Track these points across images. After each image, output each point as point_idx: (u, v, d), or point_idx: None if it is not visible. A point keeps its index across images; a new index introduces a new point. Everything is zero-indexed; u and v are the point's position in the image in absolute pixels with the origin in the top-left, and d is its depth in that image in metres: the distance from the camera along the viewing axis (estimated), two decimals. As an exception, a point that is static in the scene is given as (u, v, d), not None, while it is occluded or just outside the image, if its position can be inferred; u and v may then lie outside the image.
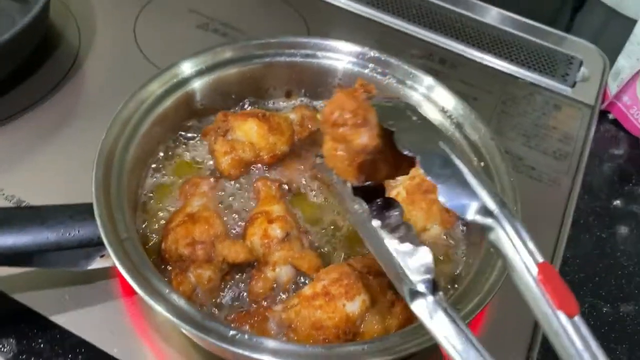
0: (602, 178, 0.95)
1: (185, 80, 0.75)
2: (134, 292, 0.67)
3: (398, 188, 0.75)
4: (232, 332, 0.54)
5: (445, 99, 0.77)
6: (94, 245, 0.61)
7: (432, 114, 0.77)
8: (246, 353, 0.53)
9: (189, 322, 0.54)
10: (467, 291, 0.61)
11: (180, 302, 0.56)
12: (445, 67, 1.05)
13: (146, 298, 0.54)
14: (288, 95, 0.85)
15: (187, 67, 0.75)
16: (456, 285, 0.68)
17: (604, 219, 0.88)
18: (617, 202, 0.92)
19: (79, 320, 0.66)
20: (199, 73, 0.76)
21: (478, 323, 0.72)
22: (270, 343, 0.54)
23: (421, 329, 0.56)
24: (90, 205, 0.61)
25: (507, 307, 0.73)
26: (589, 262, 0.83)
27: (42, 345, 0.63)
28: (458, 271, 0.70)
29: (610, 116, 1.03)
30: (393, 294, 0.64)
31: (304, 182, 0.77)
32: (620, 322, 0.77)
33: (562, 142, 0.96)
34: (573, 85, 1.05)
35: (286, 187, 0.76)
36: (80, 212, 0.62)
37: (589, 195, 0.92)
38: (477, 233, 0.71)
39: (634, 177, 0.95)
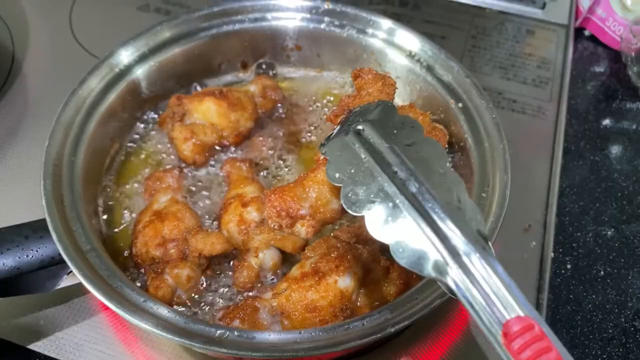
0: (588, 99, 0.90)
1: (127, 69, 0.69)
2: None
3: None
4: (219, 332, 0.50)
5: (410, 41, 0.71)
6: (57, 264, 0.56)
7: (399, 61, 0.72)
8: (238, 353, 0.48)
9: (170, 330, 0.49)
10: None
11: (159, 309, 0.51)
12: (407, 10, 0.98)
13: (119, 311, 0.50)
14: (244, 66, 0.79)
15: (125, 55, 0.69)
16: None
17: (595, 142, 0.84)
18: (607, 122, 0.87)
19: (60, 344, 0.61)
20: (141, 58, 0.70)
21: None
22: (262, 336, 0.50)
23: (420, 293, 0.53)
24: (44, 221, 0.56)
25: (509, 249, 0.69)
26: (586, 189, 0.79)
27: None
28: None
29: (587, 33, 0.98)
30: (387, 260, 0.59)
31: (275, 158, 0.72)
32: (628, 245, 0.73)
33: (540, 69, 0.90)
34: (543, 7, 0.99)
35: (258, 165, 0.71)
36: (35, 230, 0.57)
37: (577, 119, 0.87)
38: (466, 158, 0.66)
39: (619, 93, 0.91)
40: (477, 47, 0.93)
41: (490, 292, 0.38)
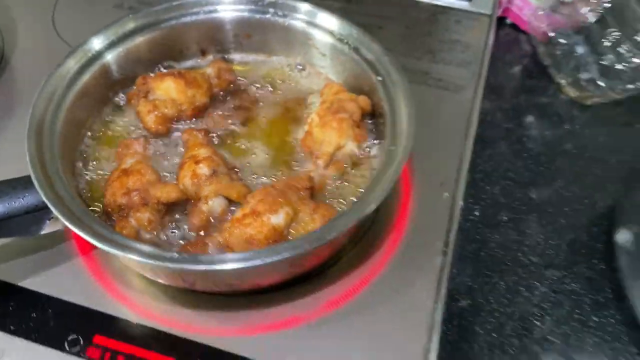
0: (505, 78, 1.04)
1: (98, 54, 0.81)
2: (90, 249, 0.76)
3: (311, 115, 0.82)
4: (171, 255, 0.62)
5: (332, 24, 0.84)
6: (41, 209, 0.69)
7: (328, 40, 0.84)
8: (184, 267, 0.61)
9: (133, 252, 0.61)
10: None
11: (123, 239, 0.64)
12: (351, 4, 1.12)
13: (89, 239, 0.62)
14: (203, 53, 0.92)
15: (97, 42, 0.82)
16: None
17: (508, 113, 0.98)
18: (521, 97, 1.01)
19: (46, 281, 0.73)
20: (110, 45, 0.82)
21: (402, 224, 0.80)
22: (206, 257, 0.62)
23: (339, 219, 0.65)
24: (29, 177, 0.68)
25: (424, 201, 0.81)
26: (497, 151, 0.92)
27: (11, 306, 0.71)
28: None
29: (508, 21, 1.11)
30: (314, 203, 0.72)
31: (227, 127, 0.85)
32: (529, 195, 0.86)
33: (464, 53, 1.04)
34: (470, 0, 1.13)
35: (213, 134, 0.84)
36: (22, 183, 0.69)
37: (495, 94, 1.00)
38: (384, 121, 0.78)
39: (533, 72, 1.04)
40: (410, 36, 1.07)
41: None
